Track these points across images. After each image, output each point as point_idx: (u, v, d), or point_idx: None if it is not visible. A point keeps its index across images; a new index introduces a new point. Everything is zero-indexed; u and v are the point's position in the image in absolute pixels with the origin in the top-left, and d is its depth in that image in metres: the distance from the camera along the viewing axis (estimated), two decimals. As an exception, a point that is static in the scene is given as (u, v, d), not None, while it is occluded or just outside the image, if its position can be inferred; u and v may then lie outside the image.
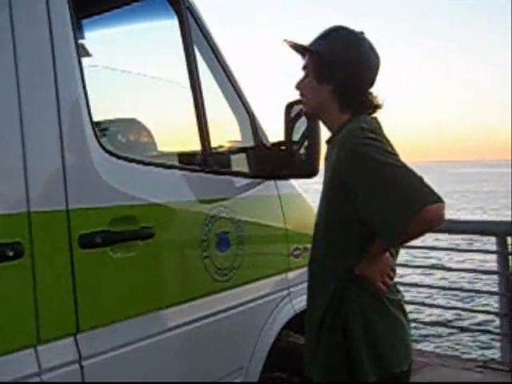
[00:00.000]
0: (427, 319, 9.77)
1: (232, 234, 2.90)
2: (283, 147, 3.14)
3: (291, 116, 3.07)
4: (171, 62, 3.11)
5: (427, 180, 2.20)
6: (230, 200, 2.95)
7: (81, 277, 2.16)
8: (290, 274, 3.41)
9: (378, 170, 2.21)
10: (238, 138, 3.31)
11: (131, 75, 3.02)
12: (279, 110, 3.11)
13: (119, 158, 2.38)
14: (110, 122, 2.99)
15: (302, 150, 3.08)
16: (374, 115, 2.48)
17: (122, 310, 2.33)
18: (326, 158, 2.52)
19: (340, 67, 2.40)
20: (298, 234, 3.50)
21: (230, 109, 3.21)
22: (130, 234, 2.37)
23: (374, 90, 2.49)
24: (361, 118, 2.39)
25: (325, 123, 2.58)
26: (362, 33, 2.47)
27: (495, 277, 6.67)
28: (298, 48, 2.52)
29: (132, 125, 2.97)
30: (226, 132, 3.39)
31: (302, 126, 3.08)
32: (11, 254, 1.93)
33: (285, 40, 2.48)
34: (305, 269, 3.38)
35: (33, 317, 2.01)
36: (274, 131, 3.27)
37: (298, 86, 2.56)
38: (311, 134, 2.99)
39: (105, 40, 3.28)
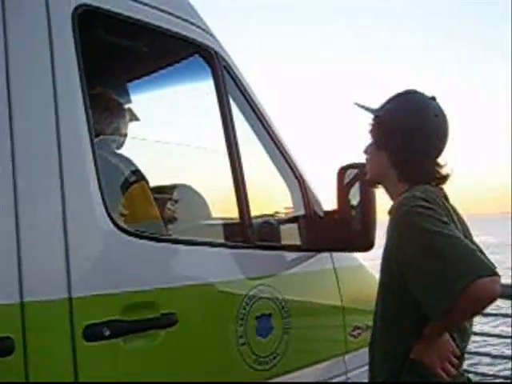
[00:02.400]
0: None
1: (275, 316, 2.57)
2: (337, 216, 2.83)
3: (345, 182, 2.77)
4: (209, 125, 2.89)
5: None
6: (274, 277, 2.63)
7: (85, 374, 1.88)
8: (348, 357, 3.03)
9: (424, 239, 2.03)
10: (288, 205, 3.01)
11: (161, 143, 2.80)
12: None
13: (134, 235, 2.11)
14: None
15: (357, 221, 2.76)
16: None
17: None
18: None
19: (396, 135, 2.26)
20: (358, 310, 3.14)
21: (278, 174, 2.92)
22: (148, 322, 2.08)
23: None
24: (417, 187, 2.21)
25: (386, 192, 2.41)
26: (432, 98, 2.32)
27: None
28: (367, 111, 2.39)
29: (157, 197, 2.71)
30: (273, 201, 3.10)
31: (357, 192, 2.76)
32: None
33: (355, 103, 2.38)
34: (366, 350, 3.04)
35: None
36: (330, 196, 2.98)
37: (366, 151, 2.43)
38: (365, 203, 2.67)
39: (140, 103, 3.10)
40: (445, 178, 2.31)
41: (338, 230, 2.81)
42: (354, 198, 2.78)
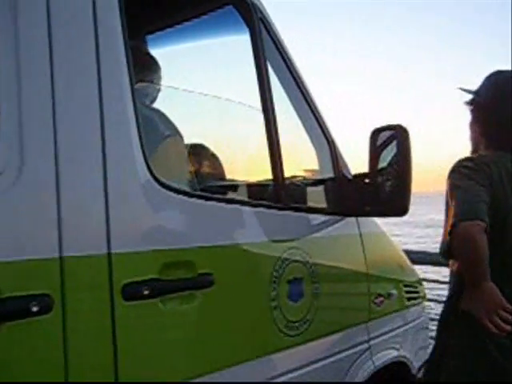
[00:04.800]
0: None
1: (306, 280, 2.48)
2: (367, 180, 2.72)
3: (377, 144, 2.65)
4: (242, 80, 2.76)
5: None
6: (305, 240, 2.53)
7: (124, 335, 1.78)
8: (371, 325, 2.96)
9: (448, 193, 2.51)
10: (315, 167, 2.90)
11: (195, 95, 2.65)
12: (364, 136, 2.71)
13: (175, 191, 1.99)
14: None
15: (389, 184, 2.65)
16: None
17: (173, 372, 1.94)
18: None
19: (483, 108, 2.70)
20: (381, 278, 3.08)
21: (306, 134, 2.81)
22: (185, 282, 1.98)
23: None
24: (485, 152, 2.68)
25: None
26: None
27: None
28: (470, 93, 2.80)
29: (192, 152, 2.59)
30: (301, 161, 2.99)
31: (389, 155, 2.65)
32: (36, 308, 1.57)
33: (459, 88, 2.80)
34: (388, 317, 2.99)
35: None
36: (357, 161, 2.89)
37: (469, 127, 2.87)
38: (401, 165, 2.55)
39: (170, 56, 2.96)
40: None
41: (368, 194, 2.70)
42: (386, 160, 2.67)
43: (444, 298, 2.92)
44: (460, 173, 2.48)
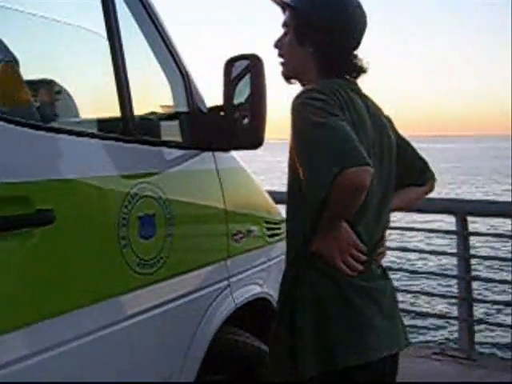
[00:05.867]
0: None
1: (159, 216, 2.38)
2: (222, 113, 2.64)
3: (233, 75, 2.56)
4: (86, 5, 2.57)
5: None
6: (157, 175, 2.42)
7: None
8: (230, 262, 2.91)
9: (306, 131, 2.08)
10: (169, 101, 2.78)
11: (35, 19, 2.44)
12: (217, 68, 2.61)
13: (5, 120, 1.80)
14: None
15: (247, 118, 2.58)
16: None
17: (10, 318, 1.77)
18: None
19: (323, 29, 2.23)
20: (240, 214, 3.03)
21: (159, 66, 2.68)
22: (21, 219, 1.82)
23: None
24: (323, 81, 2.24)
25: (302, 86, 2.35)
26: None
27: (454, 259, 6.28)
28: (278, 2, 2.33)
29: (32, 80, 2.38)
30: (154, 94, 2.86)
31: (245, 87, 2.57)
32: None
33: None
34: (248, 254, 2.96)
35: None
36: (212, 94, 2.78)
37: (277, 45, 2.39)
38: (255, 96, 2.49)
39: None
40: (361, 71, 2.31)
41: (222, 127, 2.63)
42: (243, 93, 2.60)
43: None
44: (313, 106, 2.05)
